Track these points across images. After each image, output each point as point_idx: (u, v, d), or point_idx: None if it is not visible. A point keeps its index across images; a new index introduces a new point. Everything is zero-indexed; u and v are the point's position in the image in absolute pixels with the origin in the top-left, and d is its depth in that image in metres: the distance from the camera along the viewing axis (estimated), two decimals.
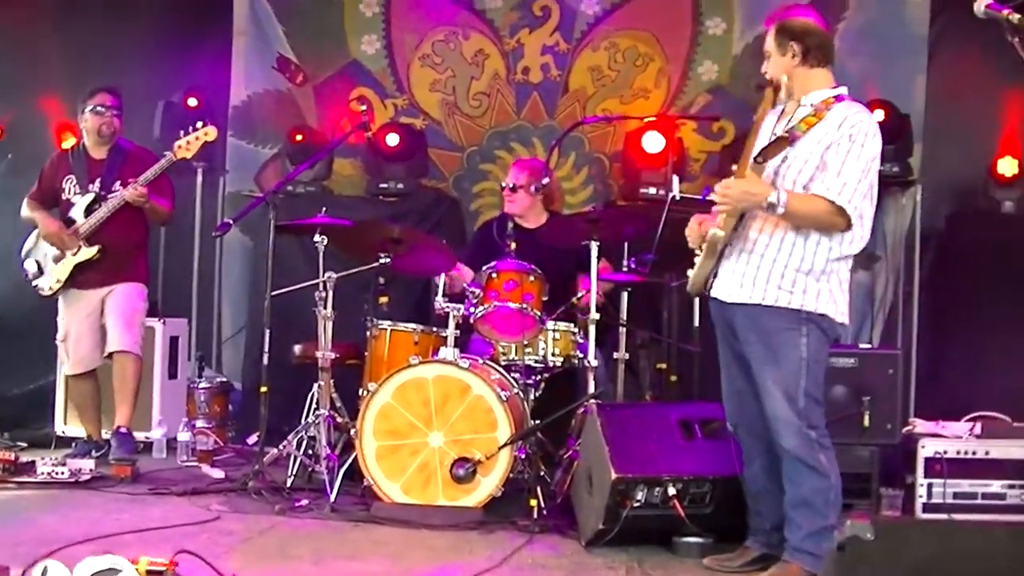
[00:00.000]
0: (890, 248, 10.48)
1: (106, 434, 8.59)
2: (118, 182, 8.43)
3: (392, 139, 10.13)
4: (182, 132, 8.46)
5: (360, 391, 7.81)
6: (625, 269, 8.03)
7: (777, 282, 5.65)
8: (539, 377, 7.77)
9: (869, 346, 8.27)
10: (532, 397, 7.73)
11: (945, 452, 7.66)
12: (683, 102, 10.65)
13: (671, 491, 6.28)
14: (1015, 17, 4.84)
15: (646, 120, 9.91)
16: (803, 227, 5.62)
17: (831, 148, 5.53)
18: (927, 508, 7.64)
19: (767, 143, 5.62)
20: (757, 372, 5.72)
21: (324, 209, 7.88)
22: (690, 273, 5.91)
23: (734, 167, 5.68)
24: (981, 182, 10.32)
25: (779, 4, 6.39)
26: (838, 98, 5.70)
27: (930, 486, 7.64)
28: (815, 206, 5.54)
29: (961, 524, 4.90)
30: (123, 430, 8.39)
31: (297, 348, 8.52)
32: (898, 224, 10.45)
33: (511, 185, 8.57)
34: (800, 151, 5.58)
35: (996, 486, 7.66)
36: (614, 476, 6.17)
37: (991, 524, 7.33)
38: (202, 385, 9.71)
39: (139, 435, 8.73)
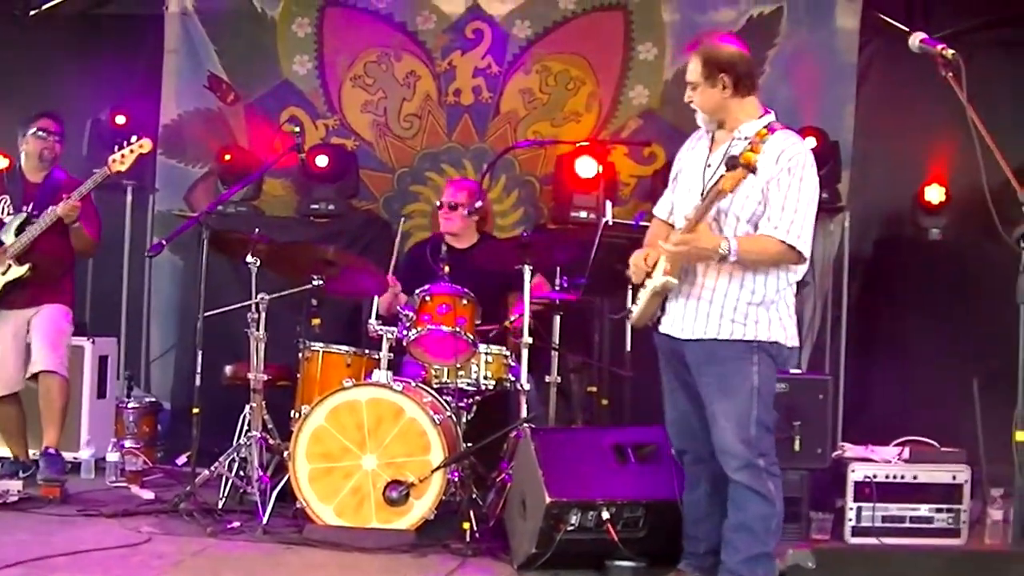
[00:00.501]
0: (819, 273, 10.60)
1: (34, 455, 8.53)
2: (51, 207, 8.37)
3: (322, 160, 10.14)
4: (116, 146, 8.41)
5: (292, 413, 7.81)
6: (558, 289, 8.07)
7: (730, 316, 5.69)
8: (472, 400, 7.82)
9: (800, 371, 8.35)
10: (465, 420, 7.76)
11: (874, 476, 7.80)
12: (614, 126, 10.73)
13: (604, 515, 6.34)
14: (948, 53, 4.97)
15: (578, 144, 10.02)
16: (757, 267, 5.68)
17: (772, 183, 5.55)
18: (856, 532, 7.77)
19: (709, 191, 5.59)
20: (708, 403, 5.75)
21: (257, 230, 7.88)
22: (634, 309, 5.95)
23: (686, 218, 5.65)
24: (908, 209, 10.49)
25: (691, 37, 6.45)
26: (770, 128, 5.71)
27: (859, 510, 7.78)
28: (766, 247, 5.60)
29: (896, 551, 4.96)
30: (51, 450, 8.32)
31: (228, 369, 8.54)
32: (826, 250, 10.58)
33: (450, 203, 8.63)
34: (743, 190, 5.54)
35: (924, 510, 7.82)
36: (548, 500, 6.23)
37: (920, 548, 7.50)
38: (131, 405, 9.65)
39: (67, 455, 8.61)
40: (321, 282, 7.76)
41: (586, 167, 9.86)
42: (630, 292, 6.11)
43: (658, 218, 6.19)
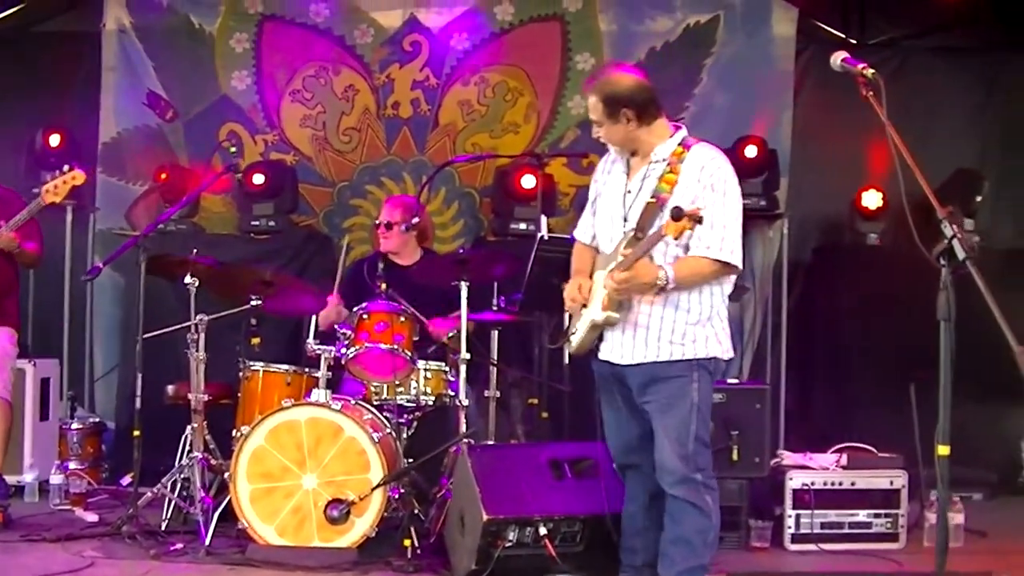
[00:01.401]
0: (758, 280, 10.75)
1: None
2: None
3: (258, 179, 10.19)
4: (49, 176, 8.42)
5: (234, 432, 7.86)
6: (495, 308, 8.14)
7: (668, 338, 5.78)
8: (412, 416, 7.89)
9: (736, 381, 8.47)
10: (405, 436, 7.85)
11: (812, 483, 7.95)
12: (553, 136, 10.85)
13: (542, 531, 6.46)
14: (869, 72, 5.10)
15: (516, 157, 10.13)
16: (694, 286, 5.77)
17: (697, 202, 5.60)
18: (795, 539, 7.91)
19: (639, 214, 5.72)
20: (653, 421, 5.84)
21: (195, 251, 7.93)
22: (572, 339, 6.02)
23: (622, 254, 5.72)
24: (846, 215, 10.64)
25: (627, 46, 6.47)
26: (685, 144, 5.84)
27: (798, 517, 7.92)
28: (701, 268, 5.71)
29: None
30: None
31: (170, 389, 8.59)
32: (766, 257, 10.72)
33: (385, 222, 8.69)
34: (667, 210, 5.60)
35: (862, 515, 7.98)
36: (486, 517, 6.33)
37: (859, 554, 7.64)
38: (74, 426, 9.61)
39: (10, 479, 8.62)
40: (259, 302, 7.82)
41: (524, 179, 9.97)
42: (566, 317, 6.17)
43: (580, 242, 6.27)
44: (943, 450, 4.77)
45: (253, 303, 7.83)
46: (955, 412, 9.34)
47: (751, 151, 10.21)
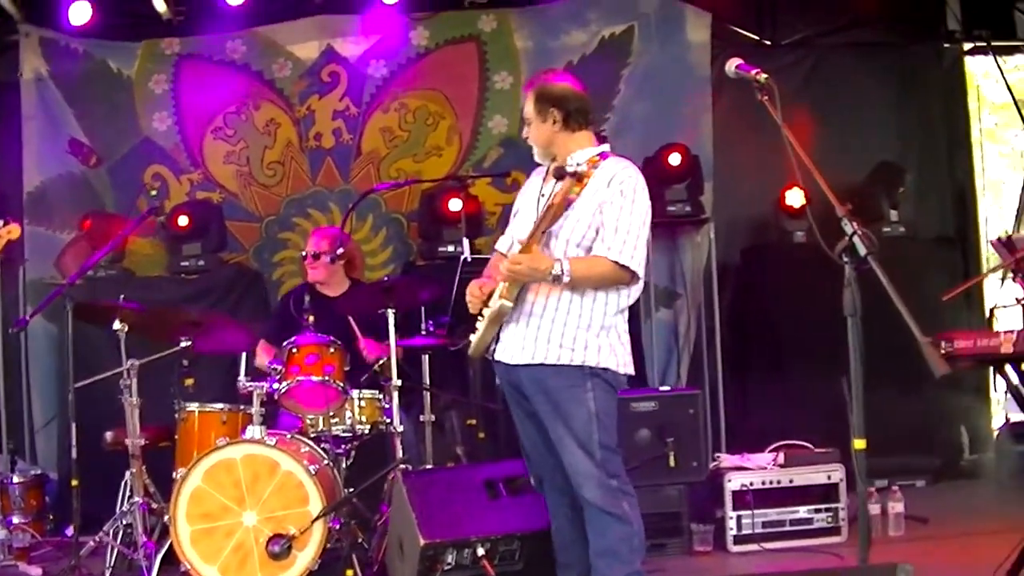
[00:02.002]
0: (689, 286, 10.86)
1: None
2: None
3: (182, 220, 10.24)
4: None
5: (174, 474, 7.88)
6: (423, 332, 8.19)
7: (559, 341, 5.80)
8: (349, 446, 7.89)
9: (668, 388, 8.56)
10: (345, 466, 7.84)
11: (751, 484, 8.05)
12: (476, 157, 10.94)
13: (480, 552, 6.52)
14: (762, 77, 5.19)
15: (439, 180, 10.21)
16: (589, 288, 5.82)
17: (605, 206, 5.72)
18: (738, 540, 8.01)
19: (543, 210, 5.76)
20: (550, 429, 5.86)
21: (122, 296, 7.93)
22: (472, 338, 6.06)
23: (520, 240, 5.82)
24: (771, 214, 10.77)
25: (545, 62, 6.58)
26: (602, 155, 5.92)
27: (739, 518, 8.03)
28: (599, 268, 5.75)
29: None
30: None
31: (108, 435, 8.55)
32: (695, 262, 10.84)
33: (312, 253, 8.69)
34: (575, 213, 5.74)
35: (803, 512, 8.09)
36: (423, 542, 6.38)
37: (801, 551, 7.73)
38: (16, 479, 9.50)
39: None
40: (189, 343, 7.82)
41: (452, 203, 10.02)
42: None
43: (498, 252, 6.32)
44: (859, 444, 4.83)
45: (183, 344, 7.83)
46: (892, 401, 9.57)
47: (675, 159, 10.33)
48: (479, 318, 6.00)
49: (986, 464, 10.82)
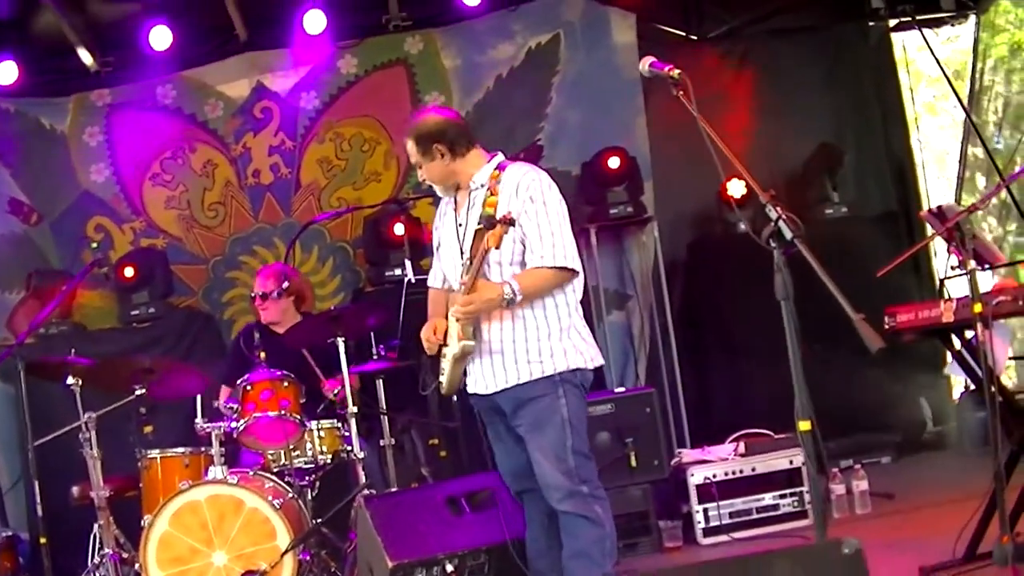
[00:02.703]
0: (639, 286, 10.94)
1: None
2: None
3: (128, 271, 10.29)
4: None
5: (142, 522, 7.92)
6: (375, 357, 8.23)
7: (526, 358, 5.92)
8: (313, 477, 7.90)
9: (623, 389, 8.66)
10: (311, 497, 7.85)
11: (714, 476, 8.15)
12: (415, 179, 10.77)
13: (449, 568, 6.58)
14: (675, 73, 5.30)
15: (379, 205, 10.28)
16: (540, 297, 5.92)
17: (521, 218, 5.83)
18: (707, 532, 8.10)
19: (479, 253, 5.78)
20: (528, 442, 5.95)
21: (73, 351, 7.98)
22: (442, 379, 6.16)
23: (462, 282, 5.90)
24: (714, 207, 10.89)
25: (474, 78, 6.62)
26: (500, 167, 6.03)
27: (706, 511, 8.12)
28: (542, 277, 5.86)
29: (740, 560, 5.21)
30: None
31: (75, 490, 8.57)
32: (643, 262, 10.93)
33: (260, 293, 8.71)
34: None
35: (768, 498, 8.18)
36: (390, 565, 6.44)
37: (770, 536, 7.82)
38: None
39: None
40: (143, 391, 7.87)
41: (396, 227, 10.04)
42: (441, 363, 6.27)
43: (433, 288, 6.44)
44: (804, 426, 4.91)
45: (137, 393, 7.86)
46: (851, 381, 9.68)
47: (614, 162, 10.45)
48: (441, 358, 6.12)
49: (949, 435, 10.92)
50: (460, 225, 6.11)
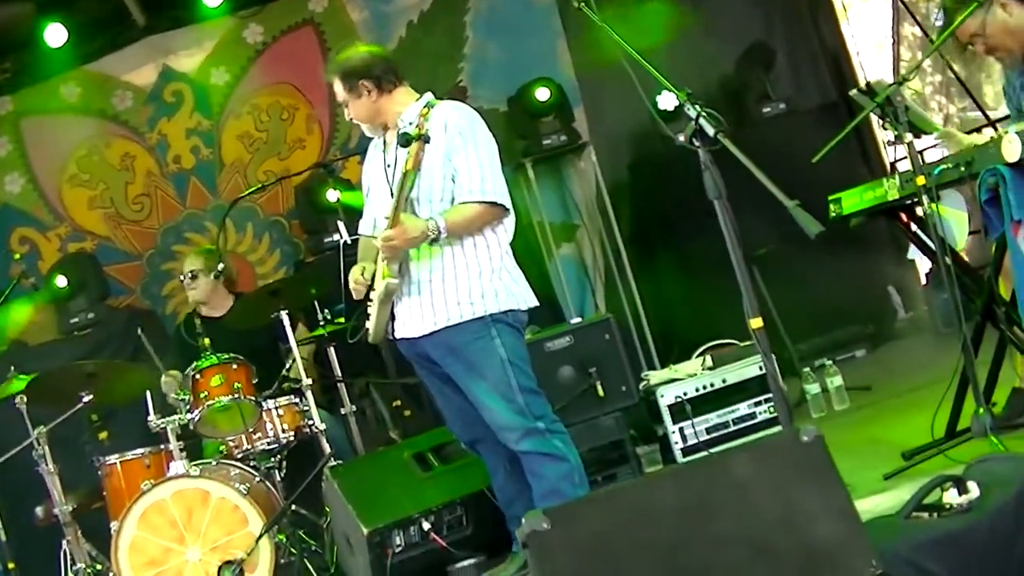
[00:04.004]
0: (585, 215, 10.98)
1: None
2: None
3: (60, 281, 10.20)
4: None
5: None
6: (322, 323, 8.25)
7: (455, 299, 5.91)
8: (279, 456, 7.92)
9: (578, 320, 8.66)
10: (280, 477, 7.86)
11: (685, 394, 8.15)
12: (340, 139, 11.05)
13: (426, 526, 6.64)
14: None
15: (305, 171, 10.21)
16: (468, 234, 5.92)
17: (451, 154, 5.85)
18: (686, 452, 8.08)
19: (399, 179, 5.77)
20: (467, 390, 5.97)
21: (12, 368, 7.97)
22: (368, 324, 6.16)
23: (386, 217, 5.84)
24: (649, 123, 10.89)
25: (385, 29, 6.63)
26: (429, 106, 5.99)
27: (681, 430, 8.10)
28: (471, 213, 5.86)
29: (695, 464, 5.24)
30: None
31: (39, 510, 8.55)
32: (584, 190, 10.96)
33: (189, 273, 8.69)
34: (425, 171, 5.84)
35: (743, 408, 8.16)
36: (366, 532, 6.49)
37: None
38: None
39: None
40: (90, 396, 7.84)
41: (326, 192, 9.93)
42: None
43: (364, 235, 6.42)
44: (755, 323, 4.96)
45: (85, 400, 7.85)
46: (816, 279, 9.75)
47: (542, 93, 10.49)
48: (368, 303, 6.09)
49: (921, 319, 11.02)
50: (389, 166, 6.11)
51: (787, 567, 3.62)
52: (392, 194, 5.90)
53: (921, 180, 5.81)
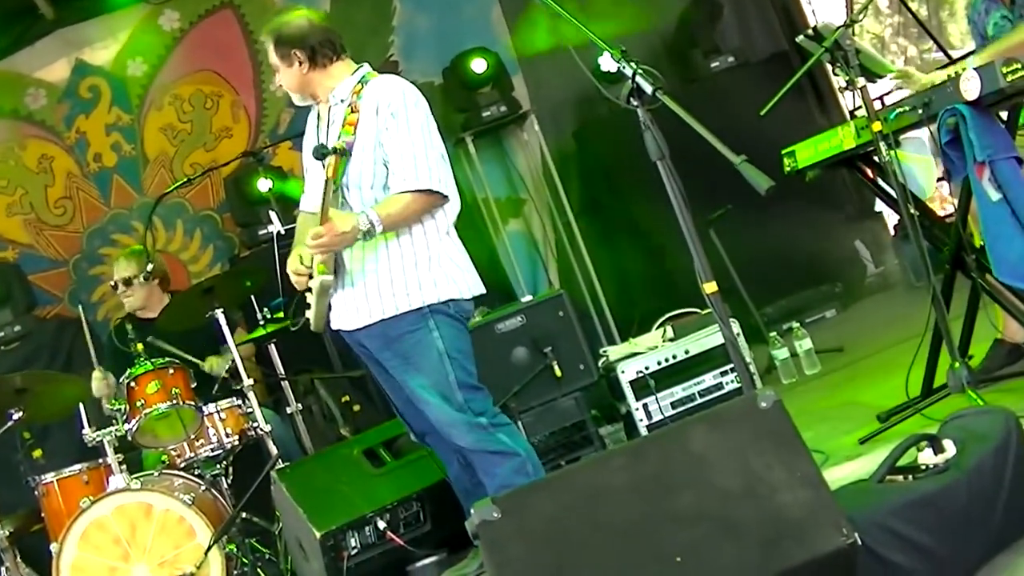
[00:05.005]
0: (532, 187, 10.97)
1: None
2: None
3: None
4: None
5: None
6: (262, 322, 8.19)
7: (390, 291, 5.80)
8: (224, 462, 7.86)
9: (529, 298, 8.63)
10: (227, 484, 7.80)
11: (647, 368, 8.13)
12: (269, 125, 11.01)
13: (381, 525, 6.59)
14: None
15: (232, 161, 10.01)
16: (406, 225, 5.80)
17: (382, 137, 5.73)
18: (652, 429, 8.06)
19: (324, 181, 5.62)
20: (404, 384, 5.89)
21: None
22: (309, 315, 6.06)
23: (314, 211, 5.75)
24: (591, 87, 10.85)
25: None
26: (363, 81, 5.89)
27: (645, 406, 8.09)
28: (404, 204, 5.71)
29: (651, 439, 5.21)
30: None
31: None
32: (529, 161, 10.95)
33: (121, 279, 8.60)
34: (356, 156, 5.73)
35: (709, 379, 8.15)
36: (318, 535, 6.44)
37: None
38: None
39: None
40: (20, 413, 7.79)
41: (257, 182, 9.96)
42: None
43: (304, 212, 6.28)
44: (710, 287, 4.94)
45: (15, 417, 7.79)
46: (780, 241, 9.75)
47: (478, 64, 10.49)
48: (308, 292, 6.00)
49: (892, 273, 11.05)
50: (322, 144, 5.90)
51: (753, 541, 3.60)
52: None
53: (877, 126, 5.81)
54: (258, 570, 7.19)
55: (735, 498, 3.67)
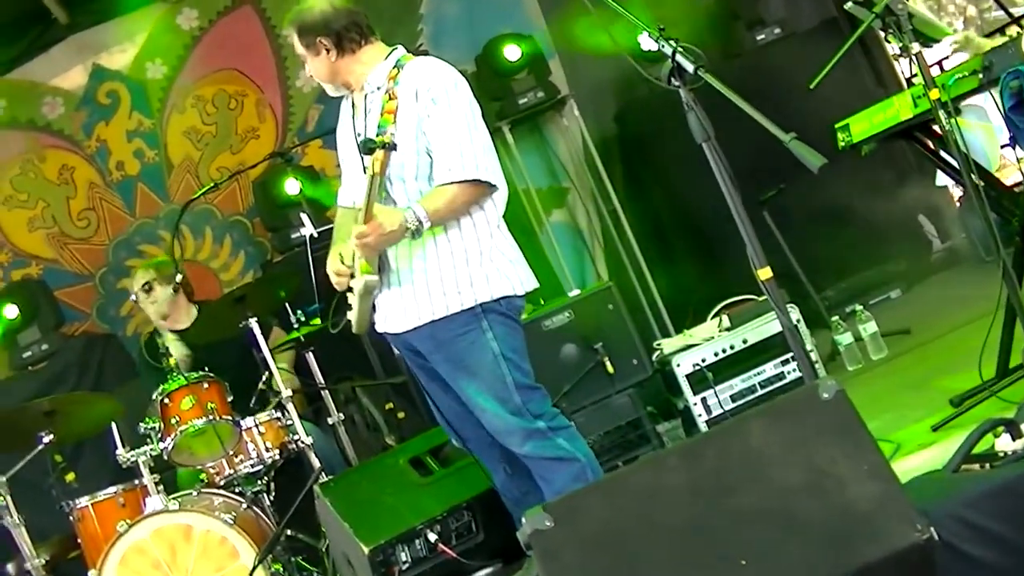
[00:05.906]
0: (574, 175, 10.91)
1: None
2: None
3: (10, 311, 10.18)
4: None
5: None
6: (296, 326, 8.20)
7: (440, 290, 5.71)
8: (265, 478, 7.86)
9: (576, 292, 8.58)
10: (269, 502, 7.80)
11: (704, 360, 8.06)
12: (296, 124, 10.99)
13: (432, 537, 6.56)
14: None
15: (260, 163, 9.90)
16: (454, 219, 5.71)
17: (424, 124, 5.62)
18: (711, 424, 7.97)
19: (368, 178, 5.49)
20: (458, 389, 5.82)
21: None
22: (351, 316, 5.98)
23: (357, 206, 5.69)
24: (631, 69, 10.80)
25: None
26: (399, 65, 5.78)
27: (704, 400, 8.02)
28: (452, 196, 5.62)
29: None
30: None
31: (10, 567, 8.52)
32: (571, 149, 10.90)
33: (143, 285, 8.56)
34: (398, 146, 5.54)
35: (769, 368, 8.07)
36: (367, 551, 6.42)
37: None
38: None
39: None
40: (51, 436, 7.79)
41: (289, 184, 10.00)
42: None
43: (342, 207, 6.21)
44: (764, 274, 4.90)
45: (45, 441, 7.80)
46: (839, 220, 9.67)
47: (511, 51, 10.43)
48: (349, 293, 5.93)
49: (960, 248, 10.94)
50: (359, 135, 5.87)
51: (819, 538, 3.57)
52: (364, 170, 5.60)
53: (935, 94, 5.69)
54: None
55: (798, 494, 3.64)
